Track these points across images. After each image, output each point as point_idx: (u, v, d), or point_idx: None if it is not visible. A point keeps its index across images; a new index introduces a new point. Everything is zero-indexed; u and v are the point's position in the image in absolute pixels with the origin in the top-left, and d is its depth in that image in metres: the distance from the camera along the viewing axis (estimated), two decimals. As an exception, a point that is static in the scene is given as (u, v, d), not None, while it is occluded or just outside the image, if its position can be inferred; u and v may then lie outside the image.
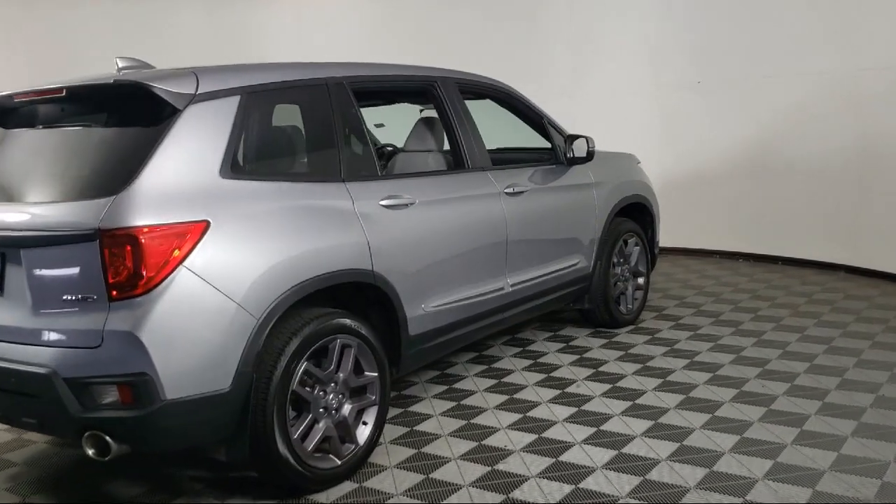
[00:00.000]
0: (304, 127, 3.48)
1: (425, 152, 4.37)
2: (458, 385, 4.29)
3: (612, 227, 5.12)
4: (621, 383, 4.22)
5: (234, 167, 3.03)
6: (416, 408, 3.99)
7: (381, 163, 5.02)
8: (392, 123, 5.40)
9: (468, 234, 3.92)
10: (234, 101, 3.09)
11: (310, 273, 3.11)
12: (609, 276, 5.10)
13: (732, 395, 3.99)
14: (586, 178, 4.91)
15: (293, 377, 3.03)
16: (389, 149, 4.91)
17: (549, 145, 4.78)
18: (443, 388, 4.26)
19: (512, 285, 4.23)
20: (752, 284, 6.43)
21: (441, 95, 4.10)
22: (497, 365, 4.61)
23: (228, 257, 2.88)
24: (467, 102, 4.88)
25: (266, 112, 3.34)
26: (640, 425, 3.66)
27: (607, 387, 4.18)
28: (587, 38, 8.03)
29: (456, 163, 4.16)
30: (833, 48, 6.53)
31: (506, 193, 4.19)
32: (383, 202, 3.48)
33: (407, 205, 3.58)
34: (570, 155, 4.72)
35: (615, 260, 5.18)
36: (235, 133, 3.06)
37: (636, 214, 5.50)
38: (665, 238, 7.79)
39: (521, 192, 4.31)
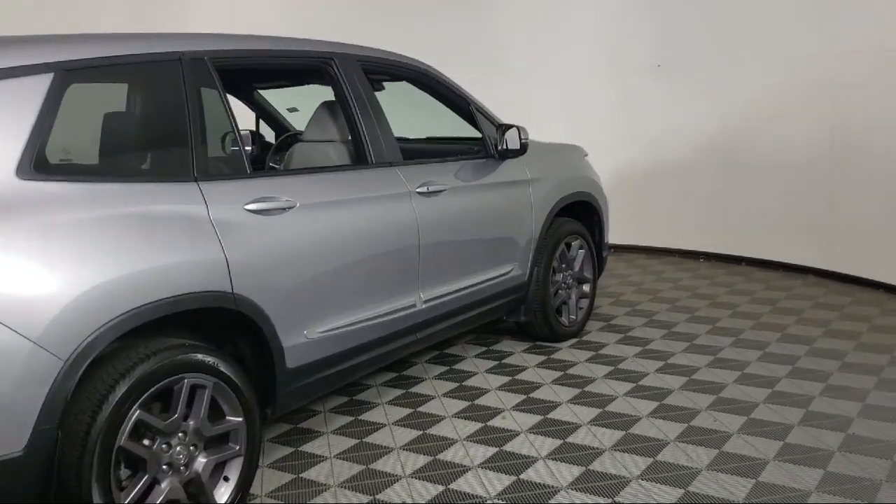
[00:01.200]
0: (144, 113, 2.82)
1: (325, 143, 3.72)
2: (364, 416, 3.66)
3: (552, 229, 4.51)
4: (553, 414, 3.62)
5: (38, 165, 2.36)
6: (308, 447, 3.36)
7: (279, 156, 4.39)
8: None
9: (367, 243, 3.28)
10: (43, 81, 2.42)
11: (144, 298, 2.46)
12: (548, 284, 4.49)
13: (679, 432, 3.40)
14: (521, 174, 4.29)
15: (121, 430, 2.39)
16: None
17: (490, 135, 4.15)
18: (348, 418, 3.64)
19: (426, 301, 3.60)
20: (712, 289, 5.85)
21: (338, 75, 3.45)
22: (416, 389, 3.99)
23: (21, 282, 2.22)
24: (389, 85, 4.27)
25: (90, 94, 2.67)
26: (566, 472, 3.06)
27: (536, 419, 3.57)
28: (542, 17, 7.37)
29: (357, 157, 3.51)
30: (806, 29, 5.95)
31: (418, 193, 3.56)
32: (250, 206, 2.83)
33: (284, 209, 2.93)
34: (501, 147, 4.10)
35: (556, 265, 4.58)
36: (43, 121, 2.39)
37: (581, 214, 4.90)
38: (623, 235, 7.23)
39: (439, 192, 3.67)
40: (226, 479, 2.73)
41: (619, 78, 7.11)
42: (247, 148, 2.93)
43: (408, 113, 4.93)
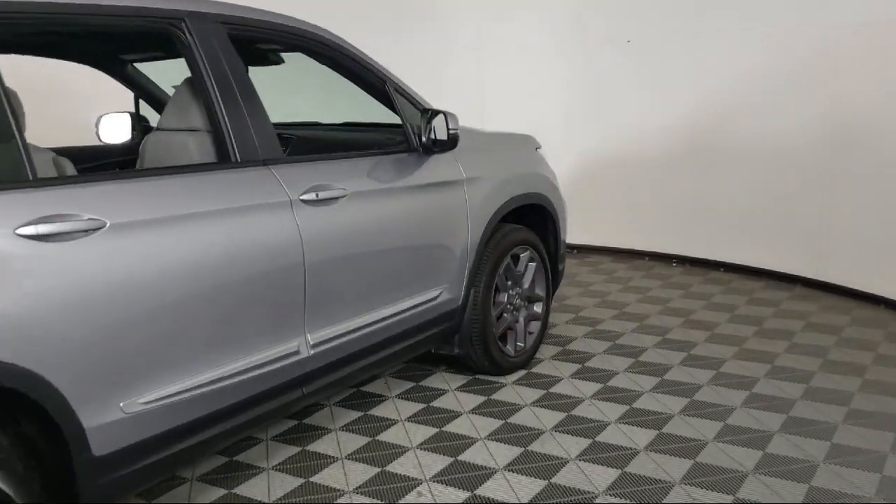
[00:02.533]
0: None
1: (186, 133, 2.81)
2: (241, 488, 2.79)
3: (494, 240, 3.65)
4: (486, 487, 2.78)
5: None
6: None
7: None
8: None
9: (219, 274, 2.38)
10: None
11: None
12: (489, 307, 3.64)
13: (646, 521, 2.58)
14: (453, 173, 3.41)
15: None
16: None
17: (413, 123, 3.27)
18: (221, 490, 2.77)
19: (315, 345, 2.73)
20: (686, 302, 5.04)
21: (192, 43, 2.53)
22: (314, 448, 3.12)
23: None
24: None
25: None
26: None
27: (464, 495, 2.73)
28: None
29: (219, 153, 2.61)
30: (802, 1, 5.12)
31: (303, 202, 2.66)
32: (26, 229, 1.93)
33: (85, 231, 2.04)
34: (426, 139, 3.22)
35: (499, 284, 3.73)
36: None
37: (532, 219, 4.04)
38: (586, 236, 6.40)
39: (334, 199, 2.79)
40: None
41: (581, 55, 6.24)
42: (27, 146, 2.03)
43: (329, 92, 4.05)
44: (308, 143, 3.67)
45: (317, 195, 2.70)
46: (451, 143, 3.20)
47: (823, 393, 3.55)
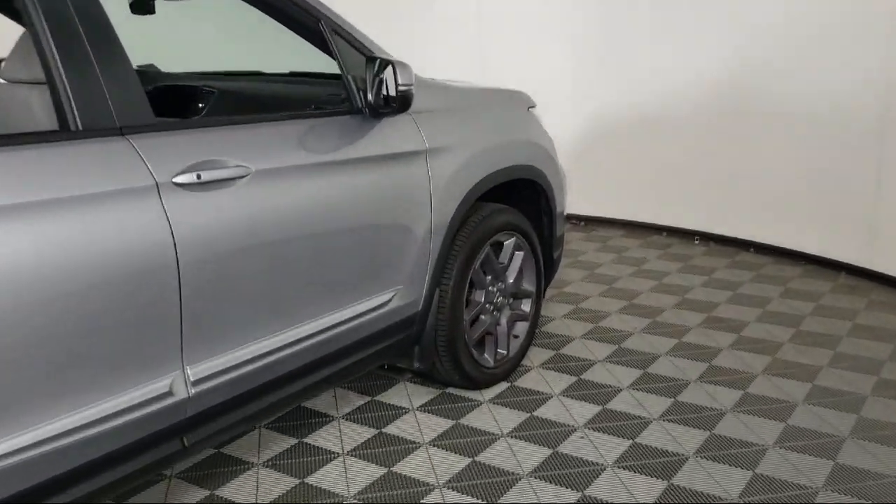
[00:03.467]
0: None
1: (30, 87, 2.07)
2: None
3: (468, 226, 2.91)
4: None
5: None
6: None
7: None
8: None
9: (43, 289, 1.66)
10: None
11: None
12: (460, 309, 2.91)
13: None
14: (411, 141, 2.64)
15: None
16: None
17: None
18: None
19: (198, 381, 2.00)
20: (709, 292, 4.27)
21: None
22: (228, 489, 2.44)
23: None
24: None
25: None
26: None
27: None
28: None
29: (59, 117, 1.86)
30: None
31: (177, 185, 1.92)
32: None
33: None
34: (373, 97, 2.44)
35: (475, 278, 2.99)
36: None
37: (522, 196, 3.28)
38: (596, 206, 5.62)
39: (228, 181, 2.04)
40: None
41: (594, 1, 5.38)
42: None
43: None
44: (235, 100, 2.92)
45: (198, 176, 1.95)
46: (402, 102, 2.43)
47: (877, 427, 2.80)
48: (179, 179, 1.91)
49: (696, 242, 5.26)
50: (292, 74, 3.24)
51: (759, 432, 2.77)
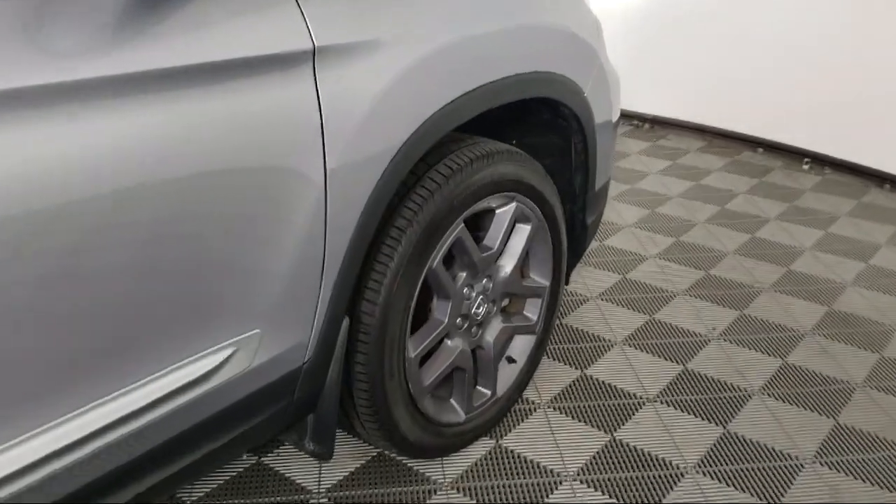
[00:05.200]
0: None
1: None
2: None
3: (419, 189, 1.54)
4: None
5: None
6: None
7: None
8: None
9: None
10: None
11: None
12: (397, 341, 1.59)
13: None
14: (272, 32, 1.23)
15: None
16: None
17: None
18: None
19: None
20: (830, 268, 2.85)
21: None
22: None
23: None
24: None
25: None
26: None
27: None
28: None
29: None
30: None
31: None
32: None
33: None
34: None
35: (434, 282, 1.65)
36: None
37: (533, 124, 1.88)
38: (669, 105, 4.13)
39: None
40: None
41: None
42: None
43: None
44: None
45: None
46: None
47: None
48: None
49: (806, 167, 3.75)
50: None
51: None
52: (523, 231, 1.85)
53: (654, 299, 2.56)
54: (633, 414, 2.03)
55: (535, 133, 1.96)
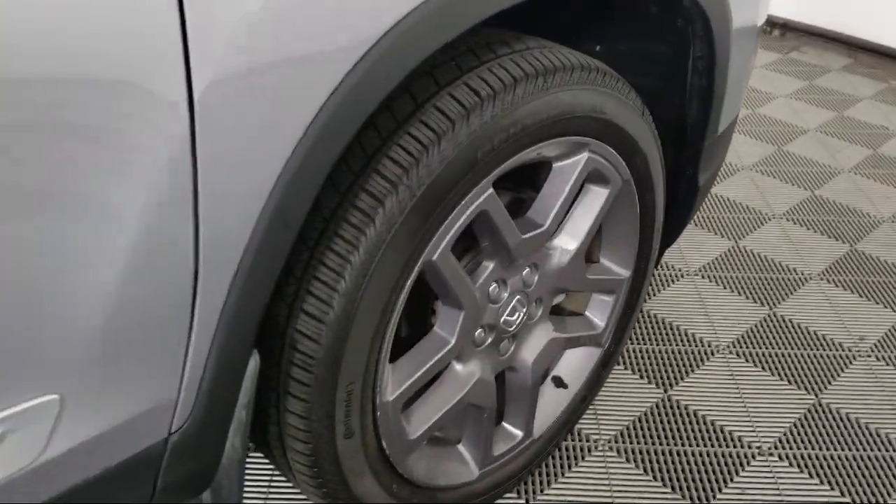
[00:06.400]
0: None
1: None
2: None
3: (398, 140, 0.87)
4: None
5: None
6: None
7: None
8: None
9: None
10: None
11: None
12: (357, 385, 0.95)
13: None
14: None
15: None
16: None
17: None
18: None
19: None
20: None
21: None
22: None
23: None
24: None
25: None
26: None
27: None
28: None
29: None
30: None
31: None
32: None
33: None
34: None
35: (452, 279, 0.99)
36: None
37: (632, 27, 1.16)
38: (829, 14, 3.26)
39: None
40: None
41: None
42: None
43: None
44: None
45: None
46: None
47: None
48: None
49: None
50: None
51: None
52: (598, 196, 1.16)
53: (779, 284, 1.84)
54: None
55: (631, 37, 1.23)
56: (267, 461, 1.15)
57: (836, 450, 1.41)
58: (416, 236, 0.90)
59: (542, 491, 1.31)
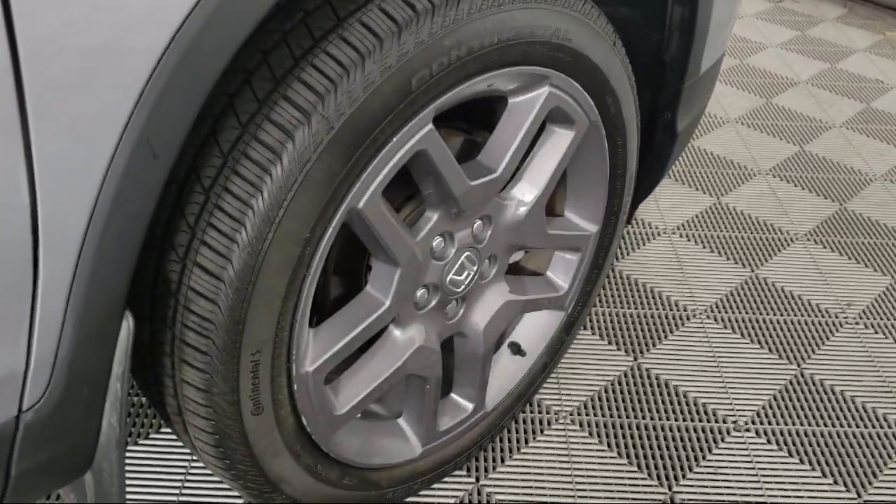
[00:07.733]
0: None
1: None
2: None
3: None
4: None
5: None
6: None
7: None
8: None
9: None
10: None
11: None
12: (267, 353, 0.81)
13: None
14: None
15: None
16: None
17: None
18: None
19: None
20: None
21: None
22: None
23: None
24: None
25: None
26: None
27: None
28: None
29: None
30: None
31: None
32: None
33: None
34: None
35: (384, 230, 0.84)
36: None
37: None
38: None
39: None
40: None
41: None
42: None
43: None
44: None
45: None
46: None
47: None
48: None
49: None
50: None
51: None
52: (561, 140, 1.01)
53: (762, 244, 1.71)
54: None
55: None
56: (183, 444, 1.01)
57: (818, 425, 1.29)
58: (336, 178, 0.75)
59: (494, 468, 1.19)
